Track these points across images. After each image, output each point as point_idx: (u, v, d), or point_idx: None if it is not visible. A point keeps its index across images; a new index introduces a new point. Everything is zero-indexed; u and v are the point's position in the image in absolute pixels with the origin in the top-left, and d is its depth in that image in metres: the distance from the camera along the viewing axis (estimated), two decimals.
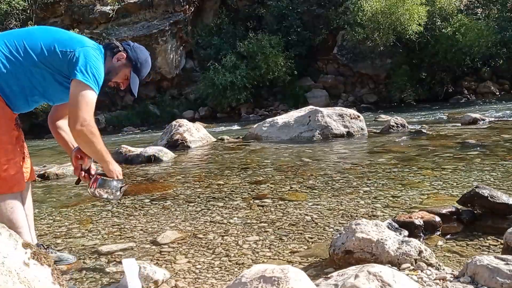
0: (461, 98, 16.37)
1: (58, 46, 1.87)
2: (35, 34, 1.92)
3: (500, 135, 5.68)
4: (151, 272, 1.91)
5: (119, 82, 2.10)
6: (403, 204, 2.86)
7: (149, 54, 2.17)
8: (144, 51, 2.14)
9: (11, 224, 1.83)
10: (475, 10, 18.08)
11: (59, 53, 1.86)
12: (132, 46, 2.10)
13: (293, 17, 18.05)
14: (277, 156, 5.22)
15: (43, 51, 1.86)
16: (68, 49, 1.87)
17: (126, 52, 2.06)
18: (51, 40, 1.89)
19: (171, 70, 17.98)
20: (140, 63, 2.09)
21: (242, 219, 2.78)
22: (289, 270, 1.41)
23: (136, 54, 2.08)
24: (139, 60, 2.08)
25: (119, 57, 2.05)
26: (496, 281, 1.50)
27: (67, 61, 1.86)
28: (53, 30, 2.00)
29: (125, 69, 2.07)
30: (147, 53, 2.16)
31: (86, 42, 1.95)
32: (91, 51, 1.90)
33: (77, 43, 1.90)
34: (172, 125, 6.87)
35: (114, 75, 2.06)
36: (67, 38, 1.93)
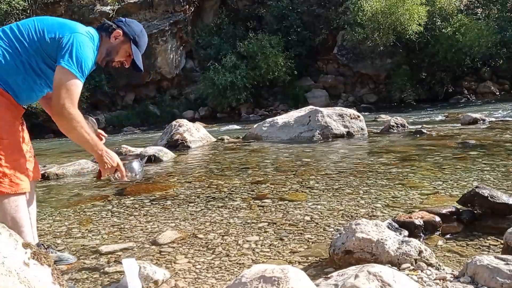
0: (461, 98, 16.38)
1: (47, 33, 1.85)
2: (27, 25, 1.89)
3: (500, 135, 5.68)
4: (151, 272, 1.91)
5: (122, 60, 2.08)
6: (403, 204, 2.85)
7: (142, 26, 2.16)
8: (137, 23, 2.12)
9: (14, 223, 1.84)
10: (475, 10, 18.10)
11: (48, 40, 1.84)
12: (125, 21, 2.08)
13: (293, 17, 18.06)
14: (277, 156, 5.21)
15: (34, 40, 1.84)
16: (58, 35, 1.84)
17: (121, 28, 2.03)
18: (41, 28, 1.87)
19: (171, 70, 17.99)
20: (137, 35, 2.07)
21: (242, 219, 2.78)
22: (289, 270, 1.41)
23: (131, 28, 2.06)
24: (135, 33, 2.06)
25: (115, 35, 2.02)
26: (496, 281, 1.50)
27: (57, 47, 1.84)
28: (45, 19, 1.96)
29: (124, 46, 2.05)
30: (140, 25, 2.14)
31: (78, 28, 1.91)
32: (80, 38, 1.85)
33: (67, 29, 1.87)
34: (172, 125, 6.87)
35: (115, 54, 2.04)
36: (58, 24, 1.90)
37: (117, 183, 2.01)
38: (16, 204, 1.86)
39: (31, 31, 1.86)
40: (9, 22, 17.64)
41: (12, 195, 1.84)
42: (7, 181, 1.82)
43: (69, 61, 1.79)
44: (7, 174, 1.81)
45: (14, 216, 1.86)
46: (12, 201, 1.85)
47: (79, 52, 1.82)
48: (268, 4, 18.51)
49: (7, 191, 1.82)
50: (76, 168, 4.89)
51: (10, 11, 17.79)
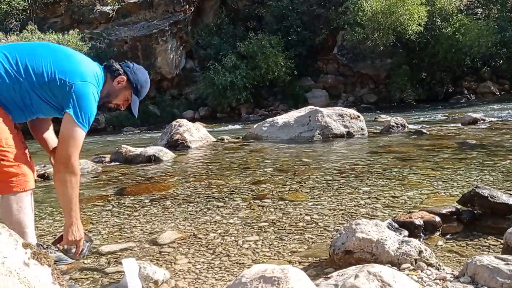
0: (461, 98, 16.39)
1: (58, 73, 1.86)
2: (39, 55, 1.89)
3: (500, 135, 5.68)
4: (151, 272, 1.91)
5: (119, 104, 2.11)
6: (403, 204, 2.86)
7: (148, 74, 2.18)
8: (144, 72, 2.15)
9: (18, 223, 1.85)
10: (475, 10, 18.10)
11: (58, 81, 1.86)
12: (132, 68, 2.11)
13: (293, 17, 18.06)
14: (277, 156, 5.21)
15: (43, 75, 1.85)
16: (68, 80, 1.86)
17: (126, 75, 2.07)
18: (53, 65, 1.87)
19: (171, 70, 17.99)
20: (140, 85, 2.10)
21: (242, 219, 2.78)
22: (289, 270, 1.41)
23: (137, 76, 2.09)
24: (139, 82, 2.10)
25: (119, 80, 2.05)
26: (496, 281, 1.50)
27: (64, 91, 1.86)
28: (57, 53, 1.95)
29: (125, 92, 2.09)
30: (146, 73, 2.17)
31: (87, 75, 1.92)
32: (88, 88, 1.89)
33: (77, 75, 1.88)
34: (172, 125, 6.87)
35: (114, 97, 2.07)
36: (70, 67, 1.90)
37: (61, 254, 2.01)
38: (21, 204, 1.87)
39: (42, 65, 1.86)
40: (9, 22, 17.67)
41: (18, 193, 1.85)
42: (15, 179, 1.83)
43: (77, 114, 1.84)
44: (15, 172, 1.83)
45: (18, 216, 1.87)
46: (18, 201, 1.86)
47: (87, 105, 1.87)
48: (268, 4, 18.51)
49: (16, 190, 1.84)
50: None
51: (10, 11, 17.79)
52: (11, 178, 1.83)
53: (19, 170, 1.85)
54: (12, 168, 1.82)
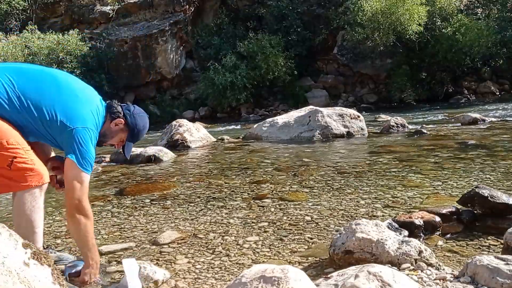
0: (461, 98, 16.37)
1: (60, 115, 1.89)
2: (43, 90, 1.91)
3: (500, 135, 5.68)
4: (151, 272, 1.91)
5: (113, 144, 2.15)
6: (403, 204, 2.86)
7: (147, 119, 2.20)
8: (144, 117, 2.16)
9: (28, 223, 1.86)
10: (475, 10, 18.07)
11: (59, 122, 1.89)
12: (132, 112, 2.12)
13: (293, 17, 18.04)
14: (277, 156, 5.21)
15: (44, 112, 1.88)
16: (68, 123, 1.89)
17: (125, 118, 2.08)
18: (56, 105, 1.90)
19: (171, 70, 17.98)
20: (137, 129, 2.13)
21: (242, 219, 2.78)
22: (289, 270, 1.41)
23: (135, 121, 2.11)
24: (137, 127, 2.12)
25: (117, 123, 2.07)
26: (496, 281, 1.50)
27: (64, 134, 1.90)
28: (62, 89, 1.96)
29: (121, 134, 2.12)
30: (146, 118, 2.19)
31: (89, 119, 1.95)
32: (88, 135, 1.92)
33: (79, 120, 1.91)
34: (172, 125, 6.87)
35: (110, 138, 2.11)
36: (72, 110, 1.92)
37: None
38: (34, 204, 1.87)
39: (45, 103, 1.88)
40: (9, 22, 17.66)
41: (33, 190, 1.86)
42: (31, 173, 1.85)
43: (81, 161, 1.88)
44: (30, 168, 1.85)
45: (30, 215, 1.87)
46: (32, 200, 1.86)
47: (88, 151, 1.90)
48: (268, 4, 18.49)
49: (33, 184, 1.85)
50: None
51: (10, 11, 17.78)
52: (26, 173, 1.84)
53: (32, 165, 1.86)
54: (25, 164, 1.83)
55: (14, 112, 1.85)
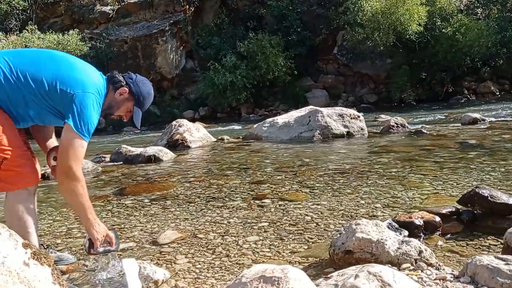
0: (461, 98, 16.37)
1: (59, 84, 1.85)
2: (41, 64, 1.89)
3: (500, 135, 5.68)
4: (151, 272, 1.91)
5: (121, 115, 2.10)
6: (403, 204, 2.86)
7: (151, 86, 2.16)
8: (147, 84, 2.13)
9: (21, 224, 1.85)
10: (475, 10, 18.07)
11: (59, 91, 1.85)
12: (135, 79, 2.09)
13: (293, 17, 18.05)
14: (277, 156, 5.21)
15: (43, 84, 1.84)
16: (69, 90, 1.85)
17: (128, 86, 2.05)
18: (54, 75, 1.87)
19: (171, 70, 17.98)
20: (142, 96, 2.08)
21: (242, 219, 2.78)
22: (289, 270, 1.41)
23: (139, 88, 2.07)
24: (141, 94, 2.07)
25: (121, 92, 2.03)
26: (496, 281, 1.50)
27: (65, 102, 1.86)
28: (60, 62, 1.94)
29: (127, 103, 2.06)
30: (150, 85, 2.15)
31: (88, 85, 1.91)
32: (89, 99, 1.88)
33: (79, 85, 1.87)
34: (172, 125, 6.87)
35: (116, 109, 2.06)
36: (71, 77, 1.89)
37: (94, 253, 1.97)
38: (26, 205, 1.87)
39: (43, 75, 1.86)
40: (9, 22, 17.65)
41: (23, 192, 1.86)
42: (20, 177, 1.85)
43: (77, 124, 1.83)
44: (21, 171, 1.84)
45: (22, 216, 1.86)
46: (23, 202, 1.86)
47: (88, 115, 1.86)
48: (268, 4, 18.49)
49: (21, 186, 1.85)
50: None
51: (10, 11, 17.78)
52: (14, 175, 1.83)
53: (22, 169, 1.85)
54: (14, 166, 1.83)
55: (15, 89, 1.82)
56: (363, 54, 17.04)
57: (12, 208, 1.86)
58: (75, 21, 18.61)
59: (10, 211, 1.86)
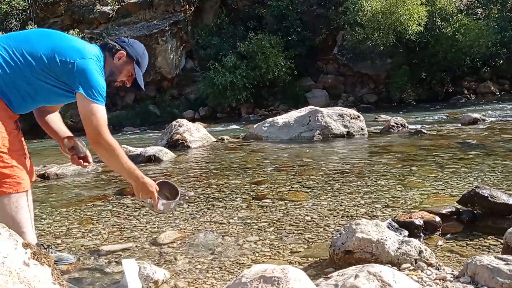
0: (461, 98, 16.37)
1: (57, 55, 1.85)
2: (34, 41, 1.89)
3: (500, 135, 5.68)
4: (151, 272, 1.91)
5: (124, 80, 2.11)
6: (403, 204, 2.86)
7: (143, 45, 2.20)
8: (140, 44, 2.16)
9: (14, 224, 1.83)
10: (475, 10, 18.08)
11: (59, 62, 1.85)
12: (128, 42, 2.11)
13: (293, 17, 18.05)
14: (277, 156, 5.21)
15: (42, 59, 1.84)
16: (68, 59, 1.85)
17: (124, 49, 2.06)
18: (50, 48, 1.87)
19: (171, 70, 17.98)
20: (140, 56, 2.11)
21: (242, 219, 2.78)
22: (289, 270, 1.41)
23: (135, 49, 2.10)
24: (138, 54, 2.10)
25: (119, 56, 2.04)
26: (496, 281, 1.50)
27: (67, 71, 1.85)
28: (52, 36, 1.96)
29: (127, 66, 2.08)
30: (142, 45, 2.18)
31: (86, 52, 1.92)
32: (91, 64, 1.89)
33: (76, 53, 1.88)
34: (172, 125, 6.87)
35: (118, 74, 2.07)
36: (67, 47, 1.90)
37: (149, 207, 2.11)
38: (17, 204, 1.85)
39: (40, 50, 1.86)
40: (9, 22, 17.67)
41: (13, 195, 1.83)
42: (9, 181, 1.81)
43: (88, 91, 1.84)
44: (8, 174, 1.81)
45: (15, 216, 1.85)
46: (13, 202, 1.84)
47: (94, 80, 1.87)
48: (268, 4, 18.49)
49: (9, 191, 1.82)
50: (76, 168, 4.89)
51: (10, 11, 17.78)
52: (5, 179, 1.81)
53: (12, 172, 1.82)
54: (6, 170, 1.80)
55: (16, 71, 1.82)
56: (363, 54, 17.04)
57: (3, 207, 1.83)
58: (75, 21, 18.61)
59: (2, 211, 1.83)
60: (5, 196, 1.83)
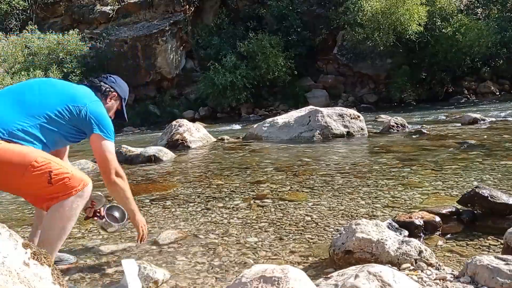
0: (461, 98, 16.37)
1: (69, 102, 1.98)
2: (43, 92, 1.99)
3: (500, 135, 5.68)
4: (151, 272, 1.91)
5: (111, 116, 2.26)
6: (403, 204, 2.86)
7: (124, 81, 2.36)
8: (123, 82, 2.32)
9: (62, 231, 1.84)
10: (475, 10, 18.07)
11: (71, 108, 1.97)
12: (116, 82, 2.26)
13: (293, 17, 18.05)
14: (277, 156, 5.21)
15: (55, 107, 1.94)
16: (79, 105, 1.99)
17: (115, 90, 2.23)
18: (58, 97, 1.98)
19: (171, 70, 17.98)
20: (127, 94, 2.32)
21: (242, 219, 2.78)
22: (289, 270, 1.41)
23: (123, 89, 2.28)
24: (125, 93, 2.30)
25: (112, 97, 2.23)
26: (496, 281, 1.50)
27: (79, 116, 1.97)
28: (52, 85, 2.06)
29: (116, 104, 2.26)
30: (125, 82, 2.34)
31: (90, 95, 2.09)
32: (99, 106, 2.06)
33: (84, 98, 2.03)
34: (172, 125, 6.87)
35: (109, 112, 2.21)
36: (73, 93, 2.03)
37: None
38: (72, 211, 1.83)
39: (50, 100, 1.95)
40: (9, 22, 17.67)
41: (75, 196, 1.81)
42: (71, 181, 1.81)
43: (103, 131, 2.02)
44: (70, 175, 1.82)
45: (66, 223, 1.83)
46: (72, 207, 1.81)
47: (106, 120, 2.05)
48: (268, 4, 18.49)
49: (77, 189, 1.81)
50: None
51: (10, 11, 17.79)
52: (66, 181, 1.80)
53: (70, 172, 1.83)
54: (63, 174, 1.80)
55: (42, 129, 1.90)
56: (363, 54, 17.04)
57: (60, 213, 1.80)
58: (75, 21, 18.63)
59: (57, 216, 1.81)
60: (69, 198, 1.85)
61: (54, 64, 15.33)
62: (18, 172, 1.76)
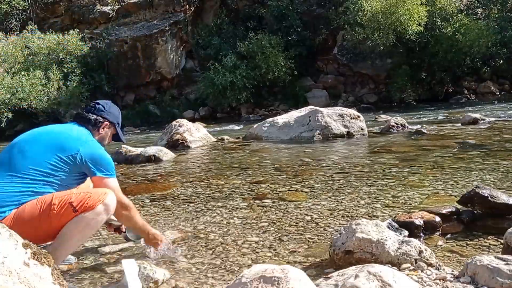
0: (461, 98, 16.36)
1: (62, 154, 1.95)
2: (28, 150, 1.96)
3: (500, 135, 5.68)
4: (151, 272, 1.91)
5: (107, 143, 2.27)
6: (403, 204, 2.86)
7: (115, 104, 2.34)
8: (114, 106, 2.30)
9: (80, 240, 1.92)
10: (475, 10, 18.06)
11: (65, 158, 1.95)
12: (105, 109, 2.21)
13: (293, 17, 18.04)
14: (277, 156, 5.21)
15: (49, 162, 1.93)
16: (72, 152, 1.96)
17: (106, 119, 2.19)
18: (51, 150, 1.95)
19: (171, 70, 17.97)
20: (119, 118, 2.29)
21: (242, 219, 2.78)
22: (289, 270, 1.41)
23: (113, 115, 2.24)
24: (117, 118, 2.26)
25: (104, 127, 2.19)
26: (496, 281, 1.50)
27: (76, 162, 1.96)
28: (42, 137, 2.03)
29: (109, 131, 2.24)
30: (115, 105, 2.31)
31: (80, 135, 2.05)
32: (92, 145, 2.03)
33: (76, 143, 2.00)
34: (172, 125, 6.87)
35: (105, 140, 2.23)
36: (64, 142, 1.99)
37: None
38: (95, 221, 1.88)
39: (44, 158, 1.94)
40: (9, 22, 17.66)
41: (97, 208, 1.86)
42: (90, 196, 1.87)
43: (103, 171, 2.00)
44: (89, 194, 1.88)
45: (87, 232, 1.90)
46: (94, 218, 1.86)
47: (103, 157, 2.03)
48: (268, 4, 18.48)
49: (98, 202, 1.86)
50: None
51: (10, 11, 17.78)
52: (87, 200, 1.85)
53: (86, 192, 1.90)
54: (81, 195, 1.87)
55: (43, 183, 1.90)
56: (363, 54, 17.03)
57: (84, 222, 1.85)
58: (75, 21, 18.61)
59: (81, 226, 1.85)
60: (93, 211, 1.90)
61: (54, 64, 15.32)
62: (45, 220, 1.81)
